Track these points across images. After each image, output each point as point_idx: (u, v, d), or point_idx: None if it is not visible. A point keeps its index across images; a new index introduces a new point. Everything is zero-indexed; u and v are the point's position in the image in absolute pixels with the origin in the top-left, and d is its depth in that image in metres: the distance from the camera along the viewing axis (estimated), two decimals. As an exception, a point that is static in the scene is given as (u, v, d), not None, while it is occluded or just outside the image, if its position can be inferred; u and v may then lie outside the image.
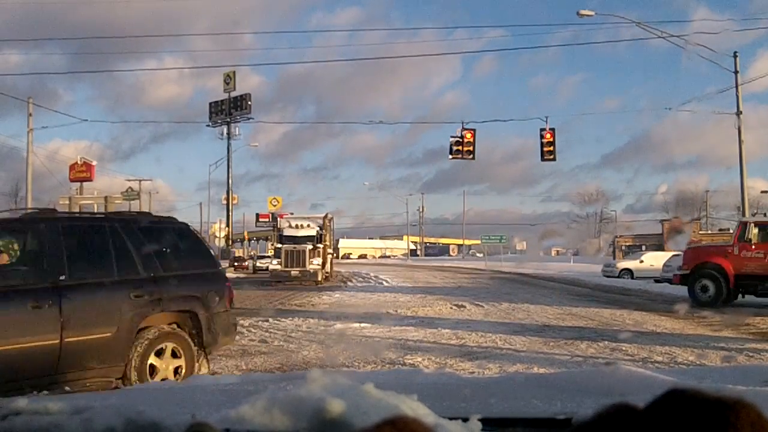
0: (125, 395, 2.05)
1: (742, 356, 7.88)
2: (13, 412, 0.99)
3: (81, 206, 29.73)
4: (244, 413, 0.93)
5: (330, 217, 30.15)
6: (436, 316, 12.59)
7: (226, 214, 46.99)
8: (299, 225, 27.74)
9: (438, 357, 7.84)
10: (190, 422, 0.83)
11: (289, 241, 26.47)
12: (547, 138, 23.66)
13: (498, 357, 7.98)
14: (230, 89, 46.08)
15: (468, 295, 17.61)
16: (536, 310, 13.86)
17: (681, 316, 12.14)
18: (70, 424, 0.94)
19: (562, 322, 11.69)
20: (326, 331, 10.59)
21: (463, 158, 24.08)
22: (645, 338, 9.32)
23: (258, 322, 11.52)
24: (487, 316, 12.63)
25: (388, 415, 0.69)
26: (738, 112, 21.77)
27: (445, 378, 2.00)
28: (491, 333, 9.91)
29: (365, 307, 15.00)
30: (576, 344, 8.77)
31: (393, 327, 10.81)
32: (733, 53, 22.19)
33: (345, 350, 8.58)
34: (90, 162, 31.19)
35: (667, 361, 7.47)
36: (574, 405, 1.29)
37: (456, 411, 1.13)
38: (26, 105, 24.39)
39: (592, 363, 7.31)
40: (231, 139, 44.96)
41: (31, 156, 24.40)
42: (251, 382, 1.84)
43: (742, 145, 21.94)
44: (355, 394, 0.90)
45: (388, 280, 27.42)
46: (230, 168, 45.81)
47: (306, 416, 0.88)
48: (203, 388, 1.83)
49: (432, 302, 15.83)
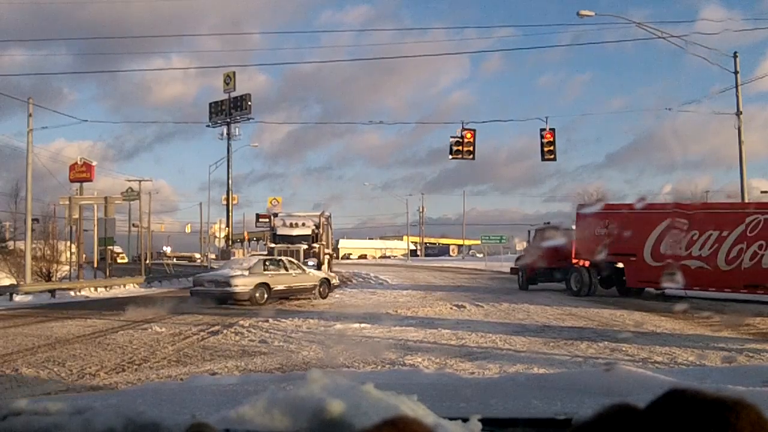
0: (125, 395, 2.05)
1: (742, 357, 7.87)
2: (13, 413, 0.99)
3: (81, 207, 29.74)
4: (244, 413, 0.93)
5: (327, 215, 28.27)
6: (436, 317, 12.59)
7: (226, 215, 47.06)
8: (294, 223, 26.00)
9: (438, 357, 7.84)
10: (190, 422, 0.83)
11: (283, 241, 24.87)
12: (547, 138, 23.71)
13: (498, 357, 7.98)
14: (230, 89, 46.12)
15: (468, 296, 17.61)
16: (536, 310, 13.86)
17: (681, 317, 12.14)
18: (70, 425, 0.94)
19: (562, 323, 11.69)
20: (326, 331, 10.59)
21: (463, 158, 24.08)
22: (645, 338, 9.32)
23: (258, 322, 11.52)
24: (487, 317, 12.63)
25: (388, 416, 0.69)
26: (738, 112, 21.77)
27: (445, 378, 2.00)
28: (491, 333, 9.91)
29: (365, 307, 15.01)
30: (576, 344, 8.77)
31: (393, 327, 10.81)
32: (734, 53, 22.21)
33: (345, 351, 8.58)
34: (90, 162, 31.14)
35: (667, 361, 7.46)
36: (574, 405, 1.29)
37: (456, 411, 1.13)
38: (26, 105, 24.38)
39: (592, 363, 7.30)
40: (231, 139, 45.02)
41: (31, 156, 24.36)
42: (251, 383, 1.84)
43: (743, 146, 21.95)
44: (355, 395, 0.90)
45: (388, 280, 27.35)
46: (230, 168, 45.88)
47: (306, 417, 0.88)
48: (203, 389, 1.83)
49: (432, 302, 15.83)
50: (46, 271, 30.31)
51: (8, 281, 26.44)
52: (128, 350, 8.77)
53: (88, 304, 17.87)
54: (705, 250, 16.41)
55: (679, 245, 16.83)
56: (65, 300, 19.40)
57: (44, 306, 17.29)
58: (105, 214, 29.00)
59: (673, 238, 17.08)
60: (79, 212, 29.64)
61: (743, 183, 22.48)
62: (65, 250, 33.85)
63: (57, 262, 32.22)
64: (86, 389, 6.34)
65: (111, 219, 28.82)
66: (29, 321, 12.83)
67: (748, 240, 16.00)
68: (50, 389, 6.35)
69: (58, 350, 8.78)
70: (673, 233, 17.09)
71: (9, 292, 18.93)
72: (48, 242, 33.27)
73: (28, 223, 25.76)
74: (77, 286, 22.52)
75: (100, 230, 28.29)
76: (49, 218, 35.96)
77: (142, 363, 7.79)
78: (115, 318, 13.11)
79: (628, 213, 18.87)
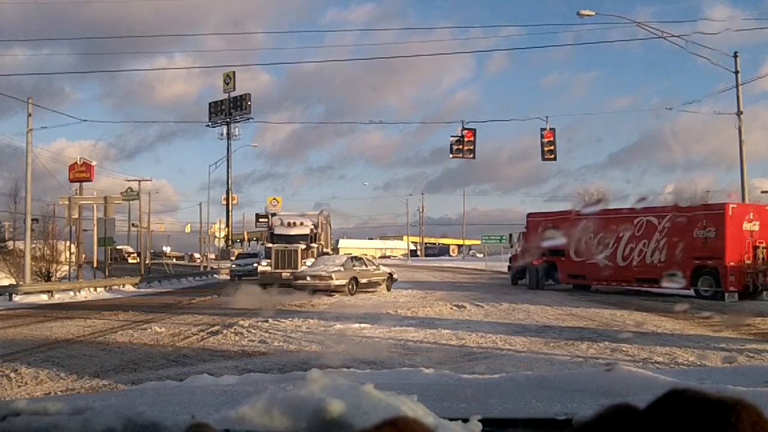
0: (125, 395, 2.05)
1: (742, 357, 7.87)
2: (13, 413, 0.98)
3: (80, 207, 29.72)
4: (243, 414, 0.93)
5: (326, 214, 27.99)
6: (436, 317, 12.59)
7: (226, 215, 47.04)
8: (291, 223, 25.63)
9: (438, 357, 7.83)
10: (190, 422, 0.83)
11: (281, 240, 24.51)
12: (547, 138, 23.76)
13: (498, 357, 7.98)
14: (230, 89, 46.09)
15: (468, 296, 17.61)
16: (536, 310, 13.86)
17: (681, 317, 12.14)
18: (69, 425, 0.94)
19: (563, 323, 11.69)
20: (326, 331, 10.58)
21: (463, 157, 24.12)
22: (645, 339, 9.31)
23: (258, 322, 11.51)
24: (488, 317, 12.63)
25: (388, 416, 0.69)
26: (738, 112, 21.78)
27: (445, 378, 2.00)
28: (491, 333, 9.90)
29: (365, 307, 15.00)
30: (576, 345, 8.76)
31: (393, 327, 10.80)
32: (734, 53, 22.22)
33: (345, 351, 8.58)
34: (89, 162, 31.08)
35: (668, 361, 7.46)
36: (575, 406, 1.29)
37: (456, 411, 1.13)
38: (26, 105, 24.37)
39: (592, 364, 7.30)
40: (231, 139, 44.98)
41: (30, 156, 24.35)
42: (251, 383, 1.84)
43: (743, 146, 21.97)
44: (355, 395, 0.90)
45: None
46: (230, 168, 45.84)
47: (306, 417, 0.88)
48: (203, 389, 1.82)
49: (432, 302, 15.83)
50: (46, 271, 30.30)
51: (8, 281, 26.44)
52: (128, 350, 8.77)
53: (87, 304, 17.89)
54: (608, 250, 19.60)
55: (591, 246, 20.04)
56: (65, 300, 19.42)
57: (43, 306, 17.30)
58: (105, 214, 29.01)
59: (586, 240, 20.37)
60: (79, 212, 29.63)
61: (743, 182, 22.52)
62: (65, 250, 33.85)
63: (56, 262, 32.22)
64: (86, 389, 6.34)
65: (111, 219, 28.82)
66: (28, 321, 12.84)
67: (636, 240, 19.00)
68: (50, 389, 6.35)
69: (57, 350, 8.78)
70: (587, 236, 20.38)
71: (8, 292, 18.93)
72: (47, 242, 33.27)
73: (27, 223, 25.76)
74: (77, 286, 22.52)
75: (99, 230, 28.28)
76: (49, 218, 35.98)
77: (142, 363, 7.79)
78: (114, 318, 13.12)
79: (559, 218, 22.21)
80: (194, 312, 14.25)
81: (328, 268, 19.44)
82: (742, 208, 18.28)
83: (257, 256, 30.11)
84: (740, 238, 17.30)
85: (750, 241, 17.41)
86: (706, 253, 17.35)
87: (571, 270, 20.85)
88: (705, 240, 17.49)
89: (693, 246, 17.52)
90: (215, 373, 7.41)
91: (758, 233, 17.61)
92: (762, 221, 17.75)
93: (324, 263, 20.49)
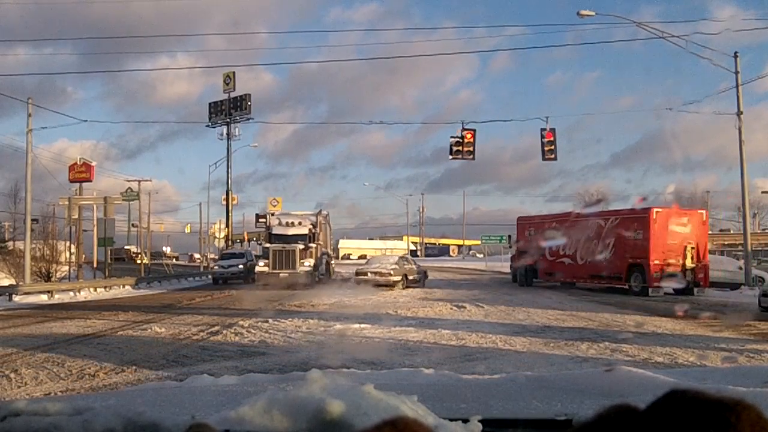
0: (125, 396, 2.05)
1: (742, 357, 7.87)
2: (13, 413, 0.98)
3: (80, 207, 29.72)
4: (243, 414, 0.93)
5: (325, 214, 27.90)
6: (436, 317, 12.59)
7: (226, 215, 46.98)
8: (290, 222, 25.42)
9: (438, 358, 7.83)
10: (190, 423, 0.83)
11: (279, 240, 24.27)
12: (547, 138, 23.78)
13: (498, 358, 7.98)
14: (230, 89, 46.03)
15: (468, 296, 17.61)
16: (536, 310, 13.85)
17: (682, 317, 12.14)
18: (69, 425, 0.94)
19: (563, 323, 11.69)
20: (326, 332, 10.58)
21: (463, 158, 24.11)
22: (645, 339, 9.32)
23: (258, 323, 11.50)
24: (488, 317, 12.62)
25: (388, 416, 0.69)
26: (738, 112, 21.78)
27: (445, 379, 2.00)
28: (491, 334, 9.90)
29: (365, 307, 15.00)
30: (576, 345, 8.76)
31: (393, 328, 10.80)
32: (734, 53, 22.25)
33: (345, 351, 8.57)
34: (89, 162, 31.07)
35: (668, 362, 7.46)
36: (575, 406, 1.29)
37: (456, 412, 1.13)
38: (26, 105, 24.37)
39: (592, 364, 7.30)
40: (231, 139, 44.91)
41: (30, 156, 24.35)
42: (251, 383, 1.84)
43: (743, 146, 21.98)
44: (355, 395, 0.90)
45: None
46: (230, 169, 45.74)
47: (306, 417, 0.88)
48: (203, 389, 1.82)
49: (432, 303, 15.82)
50: (46, 272, 30.30)
51: (8, 282, 26.44)
52: (128, 350, 8.77)
53: (87, 304, 17.89)
54: (570, 250, 22.35)
55: (559, 247, 22.74)
56: (65, 300, 19.42)
57: (43, 306, 17.30)
58: (105, 215, 29.01)
59: (556, 241, 22.80)
60: (79, 212, 29.64)
61: (744, 183, 22.55)
62: (65, 251, 33.85)
63: (56, 262, 32.21)
64: (85, 390, 6.34)
65: (111, 219, 28.82)
66: (28, 321, 12.83)
67: (590, 240, 21.36)
68: (49, 389, 6.35)
69: (57, 350, 8.77)
70: (558, 237, 22.83)
71: (8, 292, 18.93)
72: (47, 242, 33.28)
73: (27, 224, 25.76)
74: (77, 286, 22.52)
75: (99, 230, 28.28)
76: (49, 218, 36.02)
77: (142, 363, 7.78)
78: (114, 318, 13.11)
79: (539, 222, 25.42)
80: (194, 312, 14.25)
81: (386, 266, 22.65)
82: (669, 211, 20.12)
83: (243, 256, 29.21)
84: (666, 239, 19.20)
85: (678, 243, 19.27)
86: (636, 253, 19.46)
87: (547, 269, 23.51)
88: (635, 241, 19.62)
89: (627, 246, 19.84)
90: (215, 374, 7.40)
91: (689, 235, 19.59)
92: (693, 224, 19.93)
93: (379, 262, 23.80)
